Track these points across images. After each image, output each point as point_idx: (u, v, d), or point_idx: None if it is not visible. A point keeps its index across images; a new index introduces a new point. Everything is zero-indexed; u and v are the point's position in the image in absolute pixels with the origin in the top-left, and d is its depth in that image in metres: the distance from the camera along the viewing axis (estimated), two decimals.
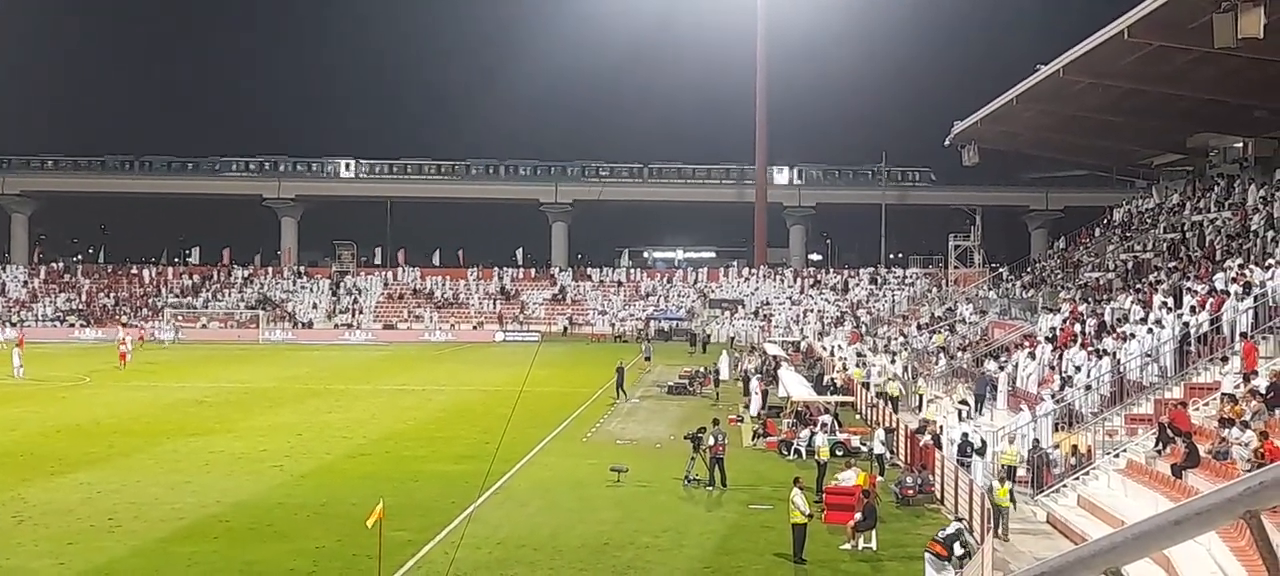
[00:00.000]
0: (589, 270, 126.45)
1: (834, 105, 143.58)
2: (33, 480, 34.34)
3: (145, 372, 69.66)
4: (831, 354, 68.26)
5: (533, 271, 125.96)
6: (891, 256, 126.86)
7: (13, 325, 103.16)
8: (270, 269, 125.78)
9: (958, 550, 24.01)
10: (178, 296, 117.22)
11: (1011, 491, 27.60)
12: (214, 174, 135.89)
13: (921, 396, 50.36)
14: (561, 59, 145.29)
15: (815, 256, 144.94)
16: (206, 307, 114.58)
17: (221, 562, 25.36)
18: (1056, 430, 34.35)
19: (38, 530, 28.06)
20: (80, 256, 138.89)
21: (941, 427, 37.90)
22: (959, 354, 59.20)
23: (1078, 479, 31.40)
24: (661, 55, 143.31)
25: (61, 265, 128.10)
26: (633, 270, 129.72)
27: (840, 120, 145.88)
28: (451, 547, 25.94)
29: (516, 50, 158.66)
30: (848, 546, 27.15)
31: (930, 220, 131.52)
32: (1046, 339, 45.84)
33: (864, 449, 38.30)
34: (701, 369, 64.10)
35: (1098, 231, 68.19)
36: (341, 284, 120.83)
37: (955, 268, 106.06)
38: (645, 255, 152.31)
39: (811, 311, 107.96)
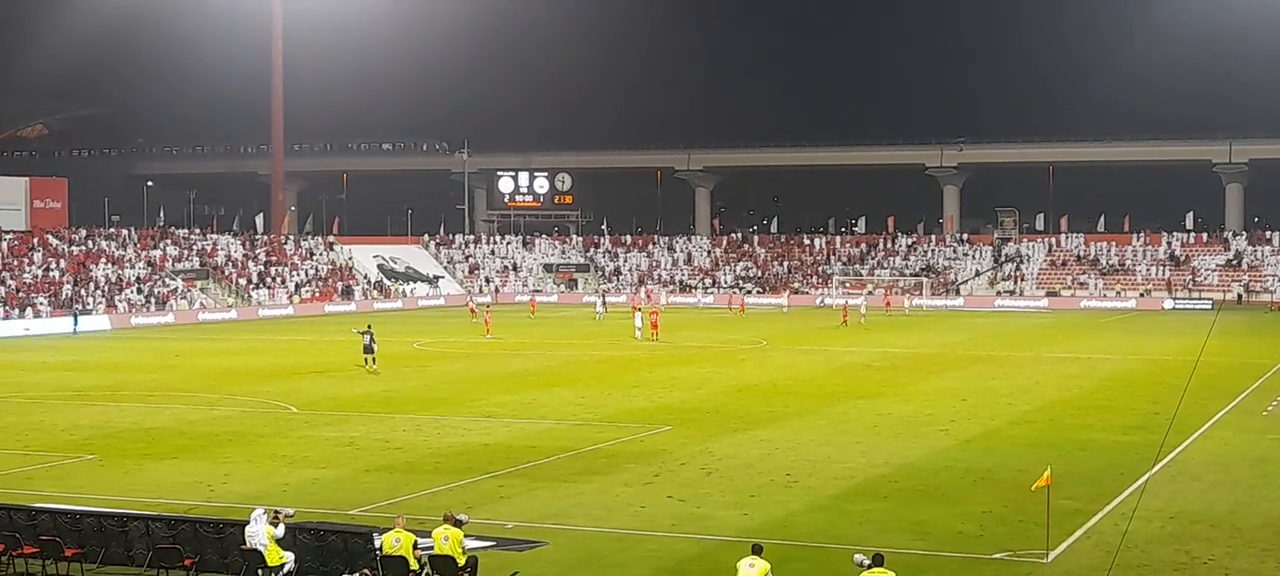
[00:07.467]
0: (1268, 233, 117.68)
1: None
2: (718, 436, 37.01)
3: (819, 338, 73.00)
4: None
5: (1204, 236, 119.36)
6: None
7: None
8: (933, 237, 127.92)
9: None
10: (845, 264, 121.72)
11: None
12: (879, 145, 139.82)
13: None
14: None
15: None
16: (872, 275, 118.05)
17: (892, 521, 26.23)
18: None
19: (724, 482, 30.29)
20: (755, 227, 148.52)
21: None
22: None
23: None
24: None
25: (739, 235, 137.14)
26: None
27: None
28: (1122, 519, 25.47)
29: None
30: None
31: None
32: None
33: None
34: None
35: None
36: (1003, 251, 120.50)
37: None
38: None
39: None
